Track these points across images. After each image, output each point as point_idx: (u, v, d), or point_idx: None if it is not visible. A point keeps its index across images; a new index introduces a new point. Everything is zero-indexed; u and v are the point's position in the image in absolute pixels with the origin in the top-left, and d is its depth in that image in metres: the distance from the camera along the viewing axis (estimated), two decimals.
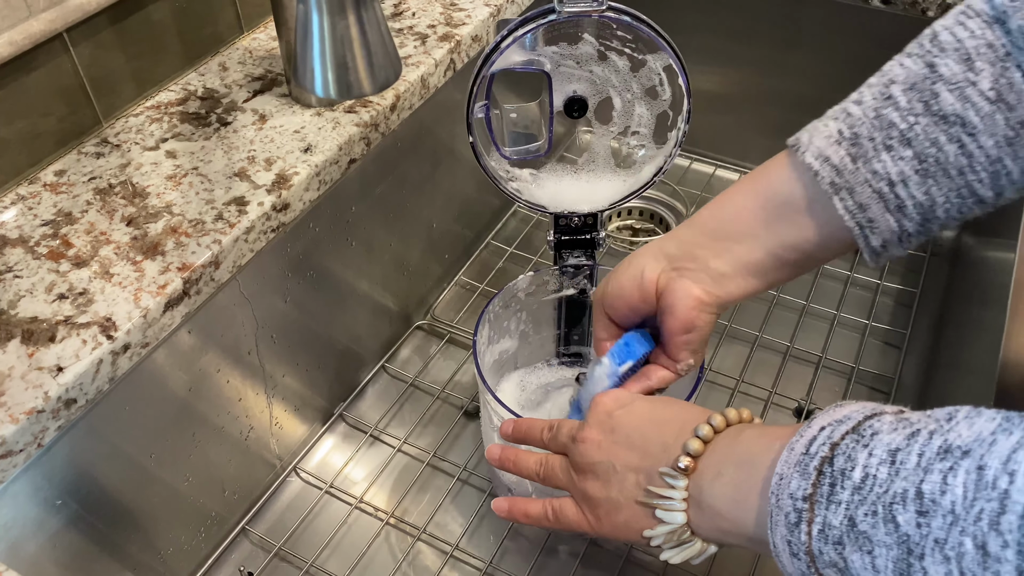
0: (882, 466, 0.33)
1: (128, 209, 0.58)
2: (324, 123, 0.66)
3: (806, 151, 0.45)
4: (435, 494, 0.71)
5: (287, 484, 0.73)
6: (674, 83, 0.63)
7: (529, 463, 0.52)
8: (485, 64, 0.60)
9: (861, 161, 0.44)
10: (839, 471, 0.35)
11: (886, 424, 0.35)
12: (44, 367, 0.48)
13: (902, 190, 0.43)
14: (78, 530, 0.54)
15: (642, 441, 0.46)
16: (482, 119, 0.63)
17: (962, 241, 0.91)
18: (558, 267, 0.68)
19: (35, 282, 0.53)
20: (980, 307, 0.70)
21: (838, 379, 0.79)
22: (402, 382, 0.81)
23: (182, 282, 0.54)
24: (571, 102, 0.65)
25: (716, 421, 0.44)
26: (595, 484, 0.47)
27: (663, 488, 0.44)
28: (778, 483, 0.37)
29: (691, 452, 0.43)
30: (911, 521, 0.31)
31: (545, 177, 0.69)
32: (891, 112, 0.43)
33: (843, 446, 0.35)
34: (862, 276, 0.89)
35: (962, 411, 0.33)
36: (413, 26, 0.77)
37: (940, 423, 0.33)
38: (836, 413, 0.38)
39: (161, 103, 0.68)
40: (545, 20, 0.59)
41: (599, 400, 0.49)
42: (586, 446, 0.48)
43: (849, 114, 0.45)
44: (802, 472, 0.36)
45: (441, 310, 0.88)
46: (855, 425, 0.36)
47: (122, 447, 0.55)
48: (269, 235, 0.60)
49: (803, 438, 0.37)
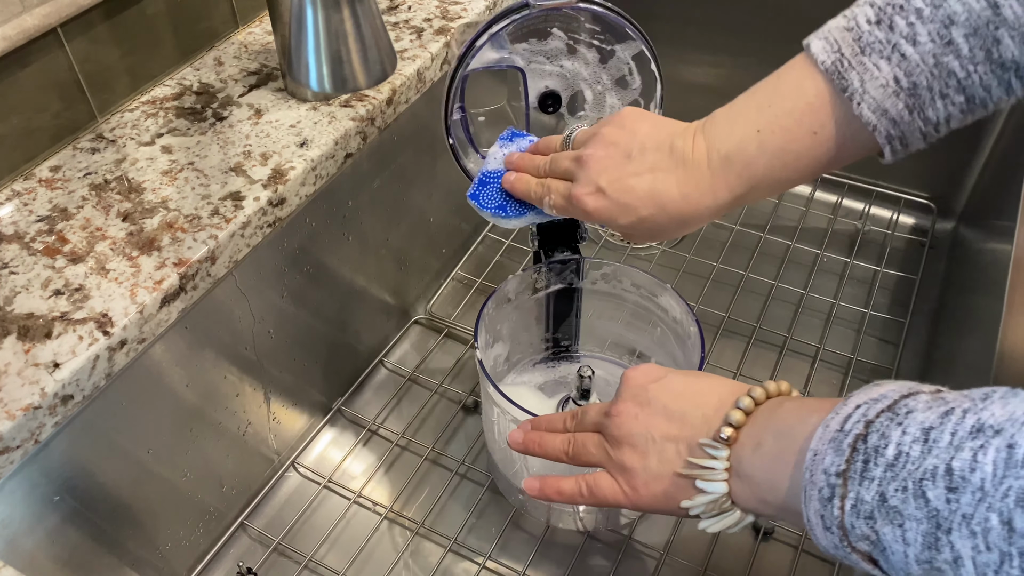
0: (915, 444, 0.34)
1: (124, 205, 0.58)
2: (320, 117, 0.66)
3: (862, 103, 0.45)
4: (434, 488, 0.71)
5: (285, 479, 0.73)
6: (645, 71, 0.63)
7: (556, 443, 0.52)
8: (461, 65, 0.60)
9: (917, 112, 0.44)
10: (872, 448, 0.35)
11: (921, 403, 0.35)
12: (40, 363, 0.48)
13: (944, 127, 0.45)
14: (76, 526, 0.54)
15: (681, 412, 0.46)
16: (459, 120, 0.63)
17: (960, 232, 0.91)
18: (545, 263, 0.67)
19: (31, 278, 0.53)
20: (978, 298, 0.70)
21: (836, 372, 0.79)
22: (400, 376, 0.81)
23: (178, 277, 0.54)
24: (545, 97, 0.65)
25: (757, 393, 0.44)
26: (633, 455, 0.47)
27: (704, 459, 0.44)
28: (812, 459, 0.37)
29: (733, 423, 0.43)
30: (940, 497, 0.32)
31: None
32: (952, 60, 0.43)
33: (878, 424, 0.35)
34: (860, 265, 0.89)
35: (999, 391, 0.34)
36: (409, 20, 0.77)
37: (975, 402, 0.34)
38: (873, 392, 0.38)
39: (156, 98, 0.68)
40: (520, 15, 0.59)
41: (630, 375, 0.49)
42: (622, 419, 0.48)
43: (904, 57, 0.44)
44: (836, 449, 0.36)
45: (439, 305, 0.88)
46: (891, 404, 0.36)
47: (119, 443, 0.55)
48: (265, 230, 0.60)
49: (838, 415, 0.37)
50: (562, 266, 0.68)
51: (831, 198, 0.97)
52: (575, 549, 0.67)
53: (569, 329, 0.74)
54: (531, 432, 0.54)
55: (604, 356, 0.76)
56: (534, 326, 0.73)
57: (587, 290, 0.71)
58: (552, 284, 0.69)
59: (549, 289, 0.69)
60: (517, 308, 0.69)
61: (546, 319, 0.72)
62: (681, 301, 0.64)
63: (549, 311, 0.72)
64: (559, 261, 0.68)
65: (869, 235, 0.93)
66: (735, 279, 0.87)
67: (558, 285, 0.69)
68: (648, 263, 0.90)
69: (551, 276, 0.69)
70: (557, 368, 0.75)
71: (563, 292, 0.70)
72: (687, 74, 0.98)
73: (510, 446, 0.55)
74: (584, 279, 0.69)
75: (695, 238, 0.92)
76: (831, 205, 0.96)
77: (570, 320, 0.73)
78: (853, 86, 0.45)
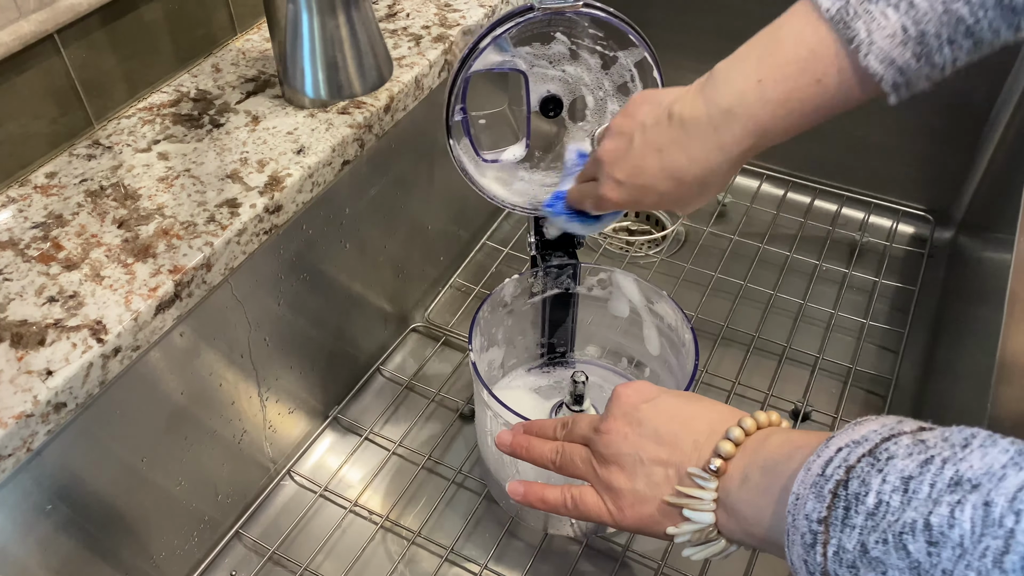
0: (895, 493, 0.33)
1: (119, 211, 0.58)
2: (317, 124, 0.66)
3: (869, 54, 0.43)
4: (430, 497, 0.71)
5: (281, 487, 0.72)
6: (647, 78, 0.63)
7: (544, 450, 0.51)
8: (464, 65, 0.60)
9: (924, 59, 0.43)
10: (853, 495, 0.35)
11: (902, 448, 0.35)
12: (33, 371, 0.48)
13: (949, 69, 0.44)
14: (69, 535, 0.53)
15: (671, 436, 0.45)
16: (460, 122, 0.63)
17: (959, 242, 0.91)
18: (542, 268, 0.67)
19: (25, 285, 0.53)
20: (977, 308, 0.70)
21: (835, 381, 0.79)
22: (397, 384, 0.80)
23: (173, 285, 0.53)
24: (546, 101, 0.65)
25: (747, 424, 0.43)
26: (620, 475, 0.46)
27: (693, 488, 0.43)
28: (794, 503, 0.37)
29: (723, 454, 0.43)
30: (922, 550, 0.32)
31: (524, 177, 0.69)
32: (961, 7, 0.42)
33: (858, 469, 0.35)
34: (859, 275, 0.88)
35: (978, 438, 0.33)
36: (407, 27, 0.77)
37: (955, 450, 0.33)
38: (854, 433, 0.37)
39: (153, 104, 0.68)
40: (523, 18, 0.59)
41: (622, 393, 0.49)
42: (611, 437, 0.47)
43: (913, 5, 0.42)
44: (817, 494, 0.36)
45: (436, 312, 0.87)
46: (872, 448, 0.36)
47: (113, 451, 0.55)
48: (262, 237, 0.60)
49: (820, 459, 0.37)
50: (559, 271, 0.68)
51: (830, 208, 0.97)
52: (572, 558, 0.66)
53: (565, 334, 0.74)
54: (520, 435, 0.53)
55: (599, 363, 0.76)
56: (530, 331, 0.73)
57: (583, 296, 0.70)
58: (548, 289, 0.69)
59: (546, 293, 0.69)
60: (513, 313, 0.69)
61: (542, 324, 0.72)
62: (677, 309, 0.63)
63: (545, 316, 0.71)
64: (556, 266, 0.67)
65: (868, 245, 0.92)
66: (734, 288, 0.87)
67: (554, 290, 0.69)
68: (648, 271, 0.89)
69: (548, 280, 0.68)
70: (552, 373, 0.75)
71: (559, 297, 0.70)
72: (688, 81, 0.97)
73: (498, 447, 0.54)
74: (580, 284, 0.69)
75: (694, 246, 0.92)
76: (830, 215, 0.96)
77: (566, 325, 0.73)
78: (860, 36, 0.43)
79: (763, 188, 0.99)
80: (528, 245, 0.68)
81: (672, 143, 0.51)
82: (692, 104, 0.50)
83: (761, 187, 0.99)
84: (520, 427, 0.54)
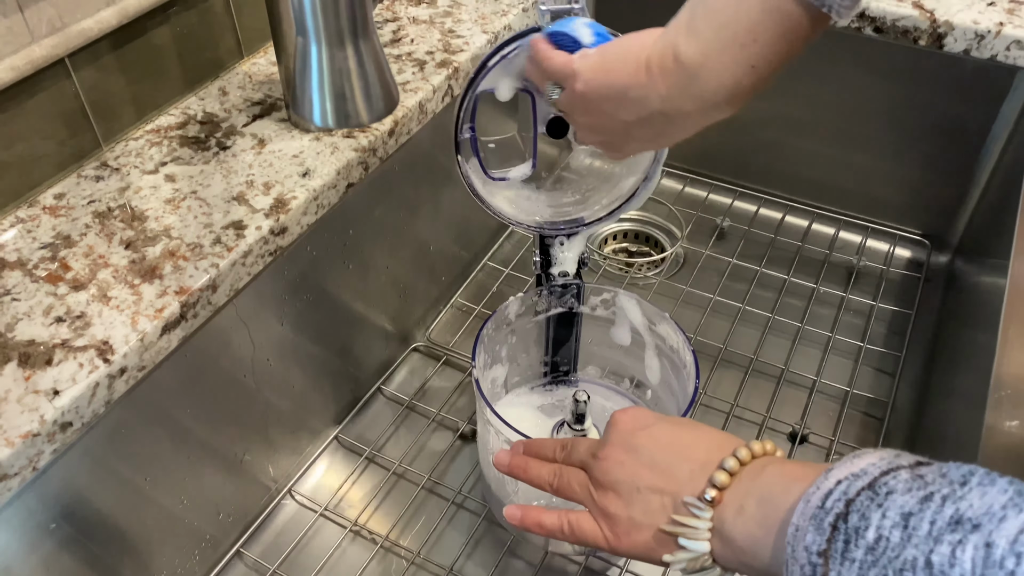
0: (895, 529, 0.34)
1: (127, 232, 0.59)
2: (322, 148, 0.67)
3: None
4: (431, 517, 0.71)
5: (282, 507, 0.73)
6: None
7: (542, 472, 0.52)
8: (472, 85, 0.61)
9: None
10: (853, 529, 0.35)
11: (901, 483, 0.36)
12: (40, 390, 0.48)
13: None
14: (72, 553, 0.54)
15: (667, 464, 0.46)
16: (468, 140, 0.64)
17: (955, 266, 0.92)
18: (546, 286, 0.68)
19: (33, 305, 0.53)
20: (973, 331, 0.71)
21: (832, 403, 0.80)
22: (398, 404, 0.81)
23: (179, 305, 0.54)
24: (554, 122, 0.66)
25: (742, 454, 0.44)
26: (617, 502, 0.47)
27: (688, 517, 0.44)
28: (794, 534, 0.37)
29: (717, 484, 0.43)
30: None
31: (530, 196, 0.70)
32: None
33: (858, 503, 0.36)
34: (856, 298, 0.89)
35: (976, 475, 0.34)
36: (411, 52, 0.78)
37: (954, 487, 0.34)
38: (853, 466, 0.38)
39: (161, 127, 0.69)
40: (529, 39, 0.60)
41: (619, 419, 0.49)
42: (608, 464, 0.48)
43: None
44: (817, 527, 0.36)
45: (438, 332, 0.88)
46: (871, 482, 0.36)
47: (117, 470, 0.55)
48: (267, 258, 0.61)
49: (820, 491, 0.38)
50: (563, 290, 0.69)
51: (828, 231, 0.98)
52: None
53: (568, 353, 0.74)
54: (518, 456, 0.54)
55: (601, 383, 0.77)
56: (533, 349, 0.73)
57: (586, 316, 0.71)
58: (553, 308, 0.70)
59: (549, 312, 0.70)
60: (516, 331, 0.70)
61: (546, 342, 0.73)
62: (678, 330, 0.64)
63: (549, 334, 0.72)
64: (560, 285, 0.68)
65: (865, 269, 0.93)
66: (732, 310, 0.88)
67: (558, 309, 0.70)
68: (647, 292, 0.90)
69: (552, 300, 0.69)
70: (555, 392, 0.76)
71: (563, 316, 0.71)
72: None
73: (496, 467, 0.55)
74: (584, 304, 0.70)
75: (693, 268, 0.93)
76: (828, 239, 0.97)
77: (569, 344, 0.74)
78: None
79: (761, 211, 1.00)
80: (533, 264, 0.69)
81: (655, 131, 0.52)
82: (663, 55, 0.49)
83: (760, 211, 1.00)
84: (519, 446, 0.55)
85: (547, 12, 0.59)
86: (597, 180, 0.70)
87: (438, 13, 0.84)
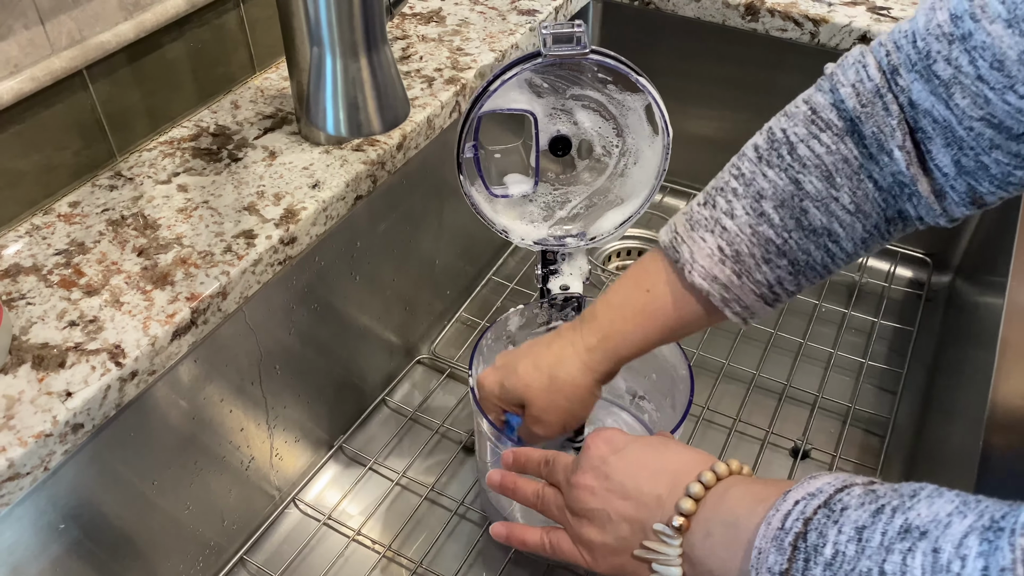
0: (850, 543, 0.36)
1: (139, 240, 0.60)
2: (332, 160, 0.68)
3: (692, 271, 0.50)
4: (433, 528, 0.72)
5: (286, 515, 0.73)
6: (653, 122, 0.65)
7: (527, 491, 0.54)
8: (475, 106, 0.63)
9: (745, 276, 0.49)
10: (812, 547, 0.37)
11: (855, 498, 0.38)
12: (53, 392, 0.49)
13: (779, 288, 0.50)
14: (79, 556, 0.54)
15: (636, 492, 0.47)
16: (471, 159, 0.65)
17: (956, 285, 0.93)
18: (547, 299, 0.69)
19: (47, 309, 0.54)
20: (972, 351, 0.71)
21: (834, 420, 0.80)
22: (402, 416, 0.82)
23: (190, 312, 0.55)
24: (555, 141, 0.67)
25: (706, 478, 0.45)
26: (591, 529, 0.49)
27: (658, 543, 0.45)
28: (757, 557, 0.39)
29: (684, 512, 0.44)
30: None
31: (532, 212, 0.71)
32: (767, 229, 0.48)
33: (815, 521, 0.38)
34: (858, 316, 0.90)
35: (926, 490, 0.36)
36: (420, 69, 0.80)
37: (904, 499, 0.36)
38: (810, 486, 0.40)
39: (174, 139, 0.70)
40: (530, 63, 0.62)
41: (592, 443, 0.50)
42: (581, 492, 0.49)
43: (725, 229, 0.49)
44: (778, 548, 0.38)
45: (442, 346, 0.89)
46: (826, 499, 0.38)
47: (125, 473, 0.56)
48: (276, 268, 0.62)
49: (779, 512, 0.39)
50: (564, 303, 0.69)
51: None
52: None
53: None
54: (507, 475, 0.56)
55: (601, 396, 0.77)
56: None
57: None
58: (554, 320, 0.70)
59: (551, 325, 0.71)
60: (516, 343, 0.70)
61: None
62: (675, 345, 0.65)
63: None
64: (562, 298, 0.69)
65: (867, 286, 0.94)
66: (735, 327, 0.88)
67: (559, 322, 0.71)
68: None
69: (553, 312, 0.70)
70: None
71: None
72: (691, 127, 1.00)
73: (489, 485, 0.56)
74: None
75: None
76: None
77: None
78: (684, 258, 0.50)
79: None
80: (535, 278, 0.70)
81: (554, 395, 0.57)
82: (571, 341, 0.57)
83: None
84: (509, 454, 0.56)
85: (549, 35, 0.61)
86: (598, 197, 0.71)
87: (447, 31, 0.85)
